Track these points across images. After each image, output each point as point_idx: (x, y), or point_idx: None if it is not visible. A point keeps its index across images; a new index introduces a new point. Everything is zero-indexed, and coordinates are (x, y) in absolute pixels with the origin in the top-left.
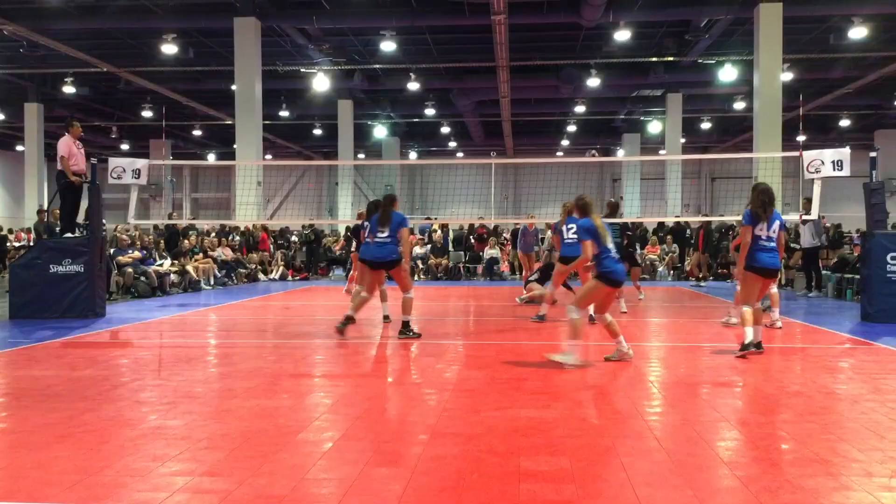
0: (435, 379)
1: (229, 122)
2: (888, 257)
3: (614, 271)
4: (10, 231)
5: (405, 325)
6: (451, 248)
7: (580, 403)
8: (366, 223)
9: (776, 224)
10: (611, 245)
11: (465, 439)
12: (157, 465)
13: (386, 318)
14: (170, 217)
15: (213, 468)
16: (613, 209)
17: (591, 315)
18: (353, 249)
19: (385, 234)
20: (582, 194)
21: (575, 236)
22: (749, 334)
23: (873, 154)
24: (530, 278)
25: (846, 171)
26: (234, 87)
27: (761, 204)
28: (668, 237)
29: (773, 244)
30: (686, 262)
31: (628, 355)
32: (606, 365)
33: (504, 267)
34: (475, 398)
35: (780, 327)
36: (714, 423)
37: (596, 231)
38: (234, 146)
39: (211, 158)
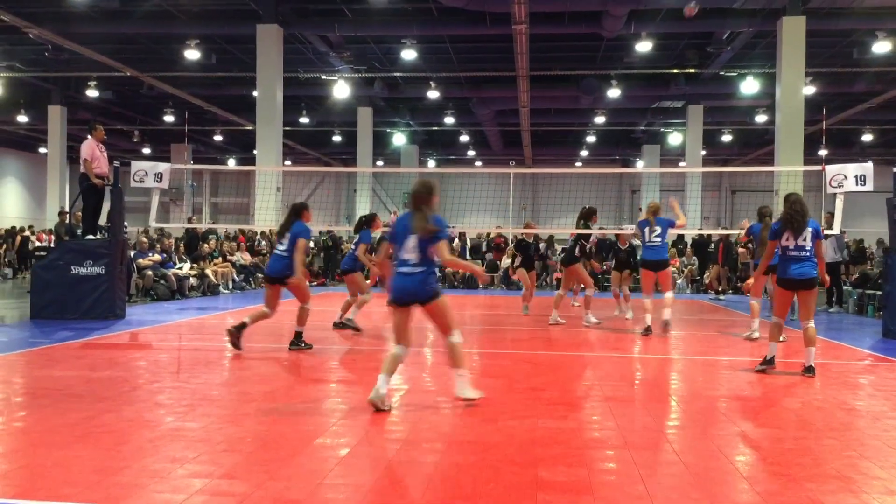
0: (451, 387)
1: (250, 128)
2: None
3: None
4: (32, 231)
5: (297, 336)
6: (468, 256)
7: (598, 415)
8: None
9: (808, 233)
10: None
11: (482, 448)
12: (176, 467)
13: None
14: (189, 221)
15: (230, 471)
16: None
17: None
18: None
19: (283, 248)
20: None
21: (659, 239)
22: (771, 349)
23: None
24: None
25: (869, 186)
26: (255, 94)
27: (789, 216)
28: (689, 250)
29: (804, 254)
30: (706, 276)
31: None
32: (625, 377)
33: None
34: (492, 407)
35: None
36: (733, 438)
37: None
38: (255, 151)
39: (231, 163)
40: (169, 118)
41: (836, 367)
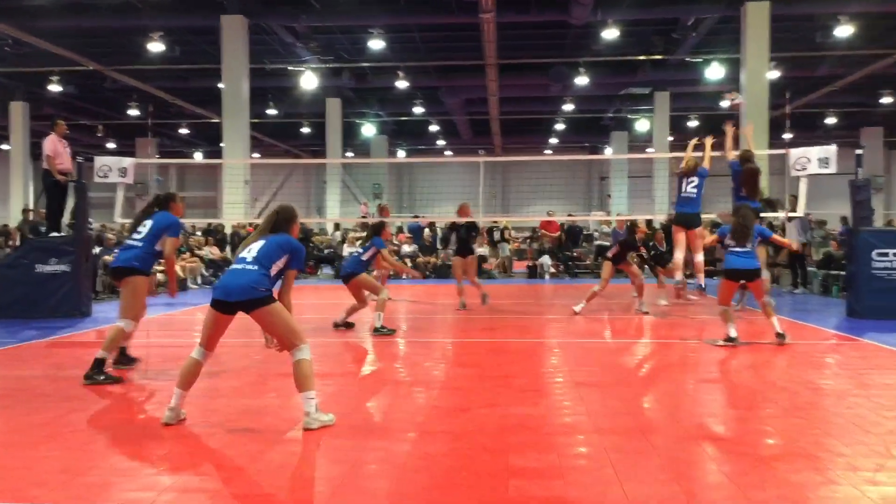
0: (423, 377)
1: (216, 121)
2: (873, 254)
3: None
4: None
5: (97, 365)
6: (439, 246)
7: (569, 401)
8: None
9: (755, 241)
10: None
11: (454, 437)
12: (145, 465)
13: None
14: None
15: (200, 468)
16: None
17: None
18: None
19: (138, 237)
20: None
21: (695, 191)
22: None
23: (859, 151)
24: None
25: (832, 169)
26: (221, 86)
27: (735, 229)
28: (659, 234)
29: (748, 251)
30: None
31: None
32: (595, 362)
33: (491, 265)
34: (464, 396)
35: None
36: (702, 419)
37: None
38: (221, 144)
39: (198, 157)
40: (133, 112)
41: (801, 346)
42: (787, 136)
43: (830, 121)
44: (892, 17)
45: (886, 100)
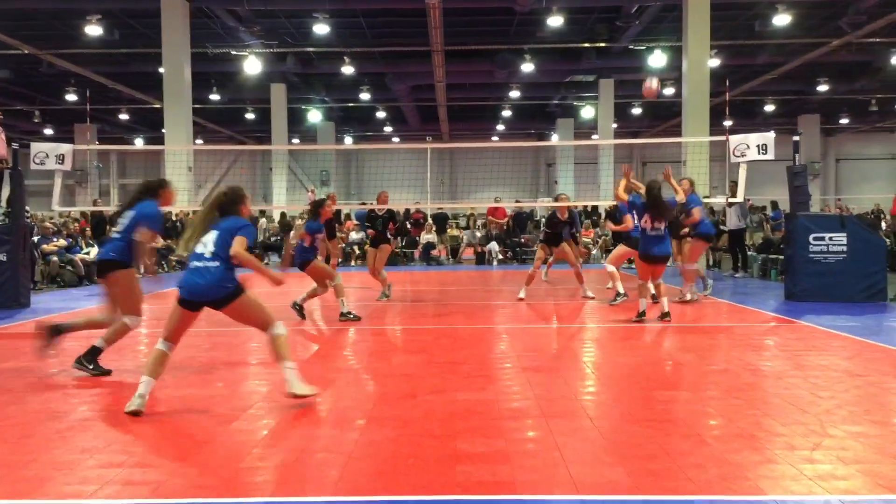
0: (373, 364)
1: (157, 106)
2: (810, 238)
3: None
4: None
5: (91, 352)
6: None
7: (516, 386)
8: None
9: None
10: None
11: (402, 423)
12: (86, 458)
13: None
14: (94, 203)
15: (143, 459)
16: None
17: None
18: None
19: (118, 229)
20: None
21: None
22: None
23: (796, 138)
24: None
25: (770, 155)
26: (161, 70)
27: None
28: (606, 221)
29: (658, 233)
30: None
31: None
32: (543, 348)
33: (441, 251)
34: (412, 382)
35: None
36: (645, 401)
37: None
38: (163, 130)
39: (139, 143)
40: (71, 97)
41: (741, 329)
42: (728, 123)
43: (769, 108)
44: (828, 6)
45: (823, 87)
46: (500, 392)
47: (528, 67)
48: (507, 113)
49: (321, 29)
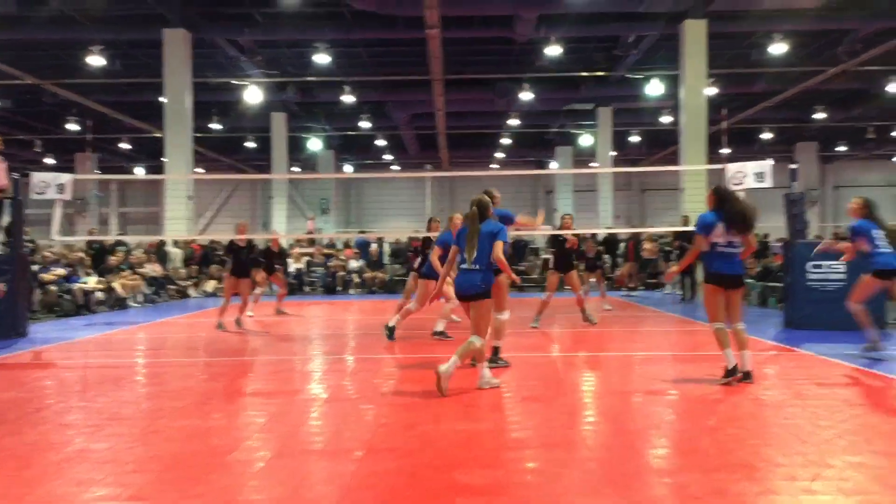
0: (371, 394)
1: (158, 135)
2: (808, 266)
3: None
4: None
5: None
6: (386, 261)
7: (515, 415)
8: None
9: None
10: None
11: (400, 454)
12: (82, 491)
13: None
14: (90, 233)
15: (139, 492)
16: None
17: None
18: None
19: None
20: None
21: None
22: (728, 357)
23: (793, 166)
24: None
25: (768, 183)
26: (163, 100)
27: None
28: (600, 248)
29: (733, 250)
30: (616, 272)
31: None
32: (540, 377)
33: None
34: (412, 412)
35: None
36: (645, 432)
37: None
38: (164, 159)
39: (139, 172)
40: (72, 126)
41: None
42: (725, 151)
43: (766, 136)
44: (825, 35)
45: (819, 115)
46: (500, 422)
47: (526, 96)
48: (506, 141)
49: (321, 58)
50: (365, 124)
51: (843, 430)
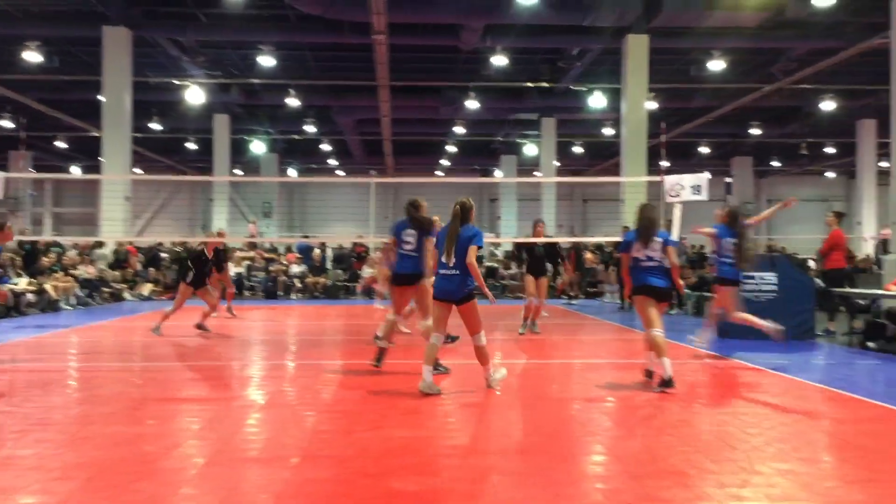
0: (309, 400)
1: (96, 134)
2: (741, 277)
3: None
4: None
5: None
6: (329, 266)
7: (453, 422)
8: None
9: (657, 243)
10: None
11: (336, 461)
12: (5, 499)
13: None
14: (22, 233)
15: (65, 499)
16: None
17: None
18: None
19: None
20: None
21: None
22: (665, 366)
23: (729, 180)
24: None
25: (704, 196)
26: (101, 98)
27: (642, 227)
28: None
29: (652, 263)
30: (558, 281)
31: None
32: (480, 384)
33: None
34: (349, 419)
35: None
36: (582, 439)
37: None
38: (101, 159)
39: (76, 171)
40: (7, 123)
41: (675, 366)
42: (664, 163)
43: (704, 150)
44: (761, 53)
45: (755, 131)
46: (437, 429)
47: (472, 104)
48: (451, 148)
49: (266, 61)
50: (310, 128)
51: (771, 437)
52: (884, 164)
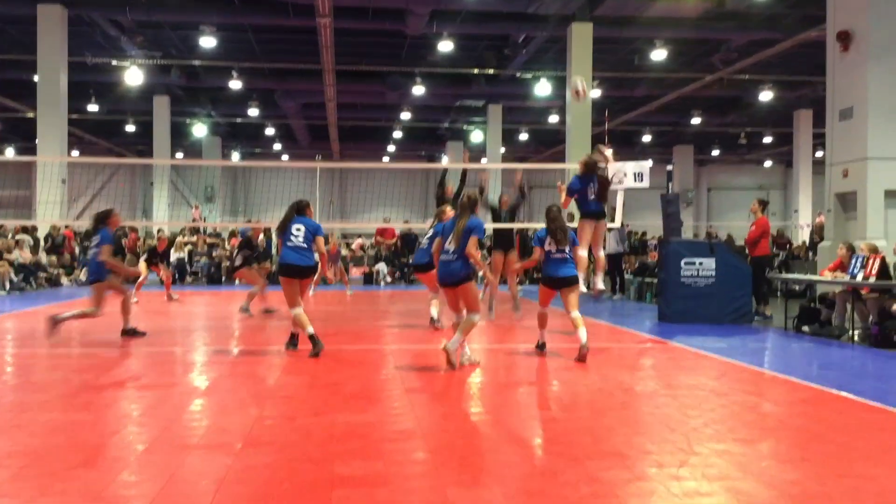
0: (253, 386)
1: (31, 115)
2: (682, 263)
3: None
4: None
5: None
6: (273, 252)
7: (397, 407)
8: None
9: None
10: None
11: (279, 447)
12: None
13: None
14: None
15: None
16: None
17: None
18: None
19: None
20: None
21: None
22: (542, 335)
23: (670, 167)
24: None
25: (646, 183)
26: (36, 78)
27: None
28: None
29: (561, 255)
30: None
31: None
32: (425, 369)
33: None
34: (293, 405)
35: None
36: (524, 422)
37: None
38: (36, 141)
39: (9, 153)
40: None
41: (616, 350)
42: (607, 151)
43: (647, 138)
44: (702, 44)
45: (696, 120)
46: (382, 413)
47: (419, 90)
48: (398, 134)
49: (208, 42)
50: (253, 112)
51: (709, 419)
52: (819, 154)
